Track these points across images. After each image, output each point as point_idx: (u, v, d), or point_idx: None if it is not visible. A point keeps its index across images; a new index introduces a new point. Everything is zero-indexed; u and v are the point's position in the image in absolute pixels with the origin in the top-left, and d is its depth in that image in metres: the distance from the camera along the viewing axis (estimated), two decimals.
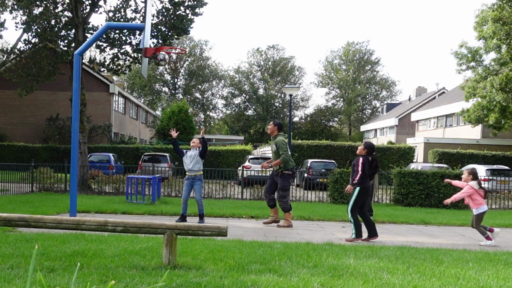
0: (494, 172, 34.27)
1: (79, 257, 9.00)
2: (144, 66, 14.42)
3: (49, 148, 47.18)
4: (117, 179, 25.96)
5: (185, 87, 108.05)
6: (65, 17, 28.04)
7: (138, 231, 8.74)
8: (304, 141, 48.27)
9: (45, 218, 8.70)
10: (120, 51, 28.91)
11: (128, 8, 27.99)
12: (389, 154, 46.27)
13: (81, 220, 8.73)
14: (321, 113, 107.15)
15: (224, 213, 17.88)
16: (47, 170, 26.29)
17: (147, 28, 14.08)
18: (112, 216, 16.67)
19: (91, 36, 16.38)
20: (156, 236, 11.12)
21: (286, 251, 10.45)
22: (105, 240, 10.89)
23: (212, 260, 9.13)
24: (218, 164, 45.41)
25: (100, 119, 52.62)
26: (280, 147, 15.14)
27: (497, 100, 39.05)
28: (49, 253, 9.25)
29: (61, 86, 47.11)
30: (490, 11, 39.19)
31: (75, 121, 14.48)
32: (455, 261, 10.10)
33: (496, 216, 20.56)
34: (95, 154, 39.74)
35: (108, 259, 8.90)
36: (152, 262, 8.77)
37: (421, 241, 13.65)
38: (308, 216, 17.89)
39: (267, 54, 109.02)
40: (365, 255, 10.33)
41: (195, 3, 27.97)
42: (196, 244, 10.82)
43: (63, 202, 19.13)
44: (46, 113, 52.04)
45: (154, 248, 10.03)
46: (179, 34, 28.77)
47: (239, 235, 13.04)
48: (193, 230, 8.62)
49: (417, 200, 23.28)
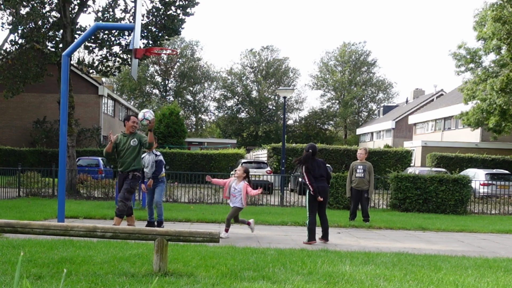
0: (493, 177, 34.33)
1: (67, 264, 8.99)
2: (134, 67, 14.41)
3: (36, 151, 47.02)
4: (106, 183, 25.92)
5: (176, 89, 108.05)
6: (52, 18, 28.01)
7: (128, 237, 8.74)
8: (299, 145, 48.20)
9: (32, 223, 8.68)
10: (109, 52, 28.91)
11: (117, 7, 28.00)
12: (386, 158, 46.25)
13: (69, 226, 8.71)
14: (316, 116, 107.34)
15: (216, 219, 17.86)
16: (34, 174, 26.23)
17: (137, 28, 14.07)
18: (101, 221, 16.65)
19: (80, 37, 16.37)
20: (147, 242, 11.10)
21: (280, 257, 10.45)
22: (94, 247, 10.87)
23: (204, 267, 9.12)
24: (210, 168, 45.36)
25: (88, 122, 52.53)
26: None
27: (498, 103, 39.13)
28: (37, 259, 9.23)
29: (48, 88, 46.98)
30: (490, 11, 39.29)
31: (63, 124, 14.47)
32: (453, 268, 10.12)
33: (496, 221, 20.60)
34: (84, 158, 39.67)
35: (97, 266, 8.88)
36: (142, 269, 8.76)
37: (418, 247, 13.67)
38: (302, 221, 17.89)
39: (260, 55, 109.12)
40: (361, 262, 10.33)
41: (186, 3, 27.98)
42: (188, 250, 10.81)
43: (51, 208, 19.10)
44: (33, 115, 51.95)
45: (144, 255, 10.02)
46: (170, 34, 28.79)
47: (231, 241, 13.06)
48: (185, 236, 8.61)
49: (415, 205, 23.28)
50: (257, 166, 38.04)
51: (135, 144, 13.89)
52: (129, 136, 14.01)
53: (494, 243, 15.28)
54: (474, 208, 24.74)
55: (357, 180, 18.41)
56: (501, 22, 37.51)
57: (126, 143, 13.99)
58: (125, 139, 14.03)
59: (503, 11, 37.57)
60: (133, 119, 14.13)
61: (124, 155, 13.98)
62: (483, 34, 41.00)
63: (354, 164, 18.80)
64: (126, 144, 13.94)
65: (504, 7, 37.87)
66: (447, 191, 23.14)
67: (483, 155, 48.19)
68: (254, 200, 24.69)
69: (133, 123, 14.04)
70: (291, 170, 42.07)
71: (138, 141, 13.93)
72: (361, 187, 18.36)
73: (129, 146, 13.89)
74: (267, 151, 47.07)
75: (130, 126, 14.01)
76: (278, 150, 44.00)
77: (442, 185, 23.22)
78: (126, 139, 14.00)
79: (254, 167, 37.31)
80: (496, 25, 38.12)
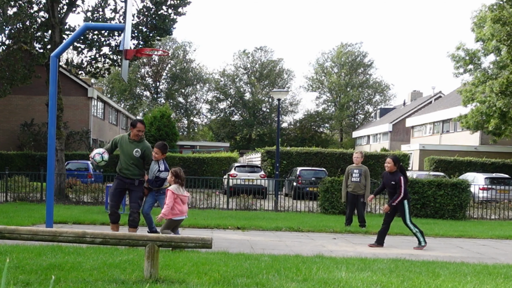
0: (493, 181, 34.38)
1: (56, 270, 8.97)
2: (124, 68, 14.38)
3: (24, 155, 46.90)
4: (96, 188, 25.89)
5: (167, 91, 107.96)
6: (40, 18, 27.98)
7: (118, 243, 8.74)
8: (293, 148, 48.29)
9: (20, 229, 8.67)
10: (99, 53, 28.85)
11: (107, 7, 27.93)
12: (383, 161, 45.90)
13: (58, 231, 8.71)
14: (311, 119, 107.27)
15: (209, 224, 17.88)
16: (22, 178, 26.19)
17: (127, 28, 14.06)
18: (90, 227, 16.65)
19: (69, 37, 16.37)
20: (137, 248, 11.11)
21: (274, 264, 10.45)
22: (83, 253, 10.86)
23: (196, 274, 9.12)
24: (203, 172, 45.34)
25: (78, 124, 52.47)
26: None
27: (497, 106, 39.17)
28: (24, 266, 9.22)
29: (36, 90, 46.97)
30: (489, 11, 39.34)
31: (51, 127, 14.45)
32: (452, 274, 10.13)
33: (496, 227, 20.64)
34: (73, 162, 39.64)
35: (87, 273, 8.88)
36: (133, 275, 8.75)
37: (416, 253, 13.71)
38: (297, 227, 17.92)
39: (254, 56, 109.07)
40: (357, 268, 10.34)
41: (178, 2, 27.97)
42: (179, 256, 10.80)
43: (39, 213, 19.07)
44: (20, 118, 51.81)
45: (135, 261, 10.01)
46: (161, 35, 28.78)
47: (224, 247, 13.04)
48: (176, 242, 8.61)
49: (412, 210, 23.17)
50: (251, 170, 38.05)
51: (138, 156, 13.43)
52: (134, 143, 13.50)
53: (493, 249, 15.31)
54: (473, 213, 24.75)
55: (353, 184, 18.43)
56: (501, 23, 37.57)
57: (129, 149, 13.54)
58: (129, 144, 13.55)
59: (503, 12, 37.63)
60: (139, 127, 13.55)
61: (128, 161, 13.56)
62: (482, 36, 41.06)
63: (350, 168, 18.81)
64: (130, 150, 13.49)
65: (503, 7, 37.93)
66: (445, 195, 23.17)
67: (483, 158, 48.26)
68: (247, 205, 24.69)
69: (138, 131, 13.48)
70: (285, 174, 42.10)
71: (141, 154, 13.45)
72: (357, 192, 18.38)
73: (133, 156, 13.48)
74: (261, 155, 47.09)
75: (135, 134, 13.62)
76: (272, 153, 44.06)
77: (441, 190, 23.25)
78: (131, 145, 13.53)
79: (247, 171, 37.34)
80: (496, 26, 38.17)
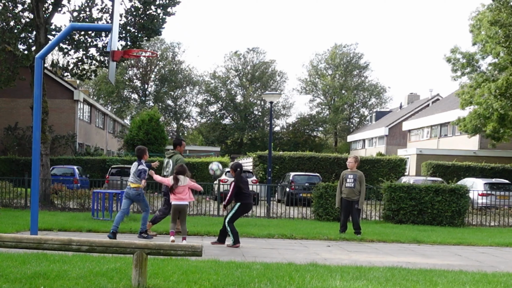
0: (493, 186, 34.36)
1: (41, 279, 8.97)
2: (111, 70, 14.40)
3: (7, 160, 46.80)
4: (82, 194, 25.89)
5: (156, 93, 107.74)
6: (25, 18, 27.94)
7: (105, 251, 8.74)
8: (286, 153, 48.27)
9: (3, 236, 8.67)
10: (85, 54, 28.82)
11: (94, 7, 27.92)
12: (379, 166, 46.35)
13: (43, 238, 8.71)
14: (304, 122, 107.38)
15: (199, 231, 17.90)
16: (6, 184, 26.16)
17: (115, 29, 14.08)
18: (76, 234, 16.63)
19: (54, 38, 16.32)
20: (125, 256, 11.10)
21: (266, 272, 10.46)
22: (69, 261, 10.86)
23: (186, 282, 9.13)
24: (192, 177, 45.13)
25: (63, 128, 52.35)
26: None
27: (495, 108, 39.22)
28: (8, 274, 9.21)
29: (21, 93, 46.79)
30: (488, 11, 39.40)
31: (36, 131, 14.43)
32: (450, 283, 10.15)
33: (495, 234, 20.67)
34: (58, 167, 39.62)
35: (73, 281, 8.88)
36: (120, 284, 8.76)
37: (413, 261, 13.71)
38: (290, 234, 17.93)
39: (245, 58, 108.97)
40: (352, 277, 10.36)
41: (167, 2, 27.98)
42: (169, 264, 10.81)
43: (23, 219, 19.07)
44: (4, 122, 51.67)
45: (123, 269, 10.02)
46: (150, 35, 28.78)
47: (215, 254, 13.06)
48: (165, 249, 8.62)
49: (409, 217, 23.29)
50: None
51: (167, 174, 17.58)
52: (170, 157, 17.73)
53: (493, 256, 15.34)
54: (472, 219, 24.77)
55: (347, 190, 18.37)
56: (498, 25, 37.64)
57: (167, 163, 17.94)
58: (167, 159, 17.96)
59: (500, 13, 37.68)
60: (184, 144, 18.54)
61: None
62: (479, 38, 41.16)
63: (344, 173, 18.77)
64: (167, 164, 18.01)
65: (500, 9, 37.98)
66: (443, 201, 23.17)
67: (482, 163, 48.25)
68: None
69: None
70: (278, 180, 42.06)
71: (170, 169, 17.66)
72: (351, 198, 18.32)
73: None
74: (253, 160, 47.06)
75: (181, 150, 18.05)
76: (264, 158, 43.96)
77: (438, 196, 23.26)
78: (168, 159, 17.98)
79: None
80: (493, 28, 38.26)
